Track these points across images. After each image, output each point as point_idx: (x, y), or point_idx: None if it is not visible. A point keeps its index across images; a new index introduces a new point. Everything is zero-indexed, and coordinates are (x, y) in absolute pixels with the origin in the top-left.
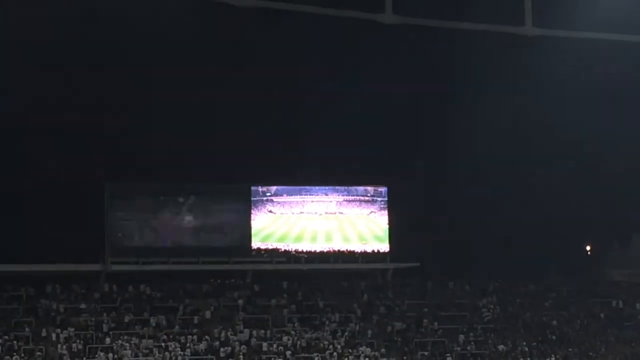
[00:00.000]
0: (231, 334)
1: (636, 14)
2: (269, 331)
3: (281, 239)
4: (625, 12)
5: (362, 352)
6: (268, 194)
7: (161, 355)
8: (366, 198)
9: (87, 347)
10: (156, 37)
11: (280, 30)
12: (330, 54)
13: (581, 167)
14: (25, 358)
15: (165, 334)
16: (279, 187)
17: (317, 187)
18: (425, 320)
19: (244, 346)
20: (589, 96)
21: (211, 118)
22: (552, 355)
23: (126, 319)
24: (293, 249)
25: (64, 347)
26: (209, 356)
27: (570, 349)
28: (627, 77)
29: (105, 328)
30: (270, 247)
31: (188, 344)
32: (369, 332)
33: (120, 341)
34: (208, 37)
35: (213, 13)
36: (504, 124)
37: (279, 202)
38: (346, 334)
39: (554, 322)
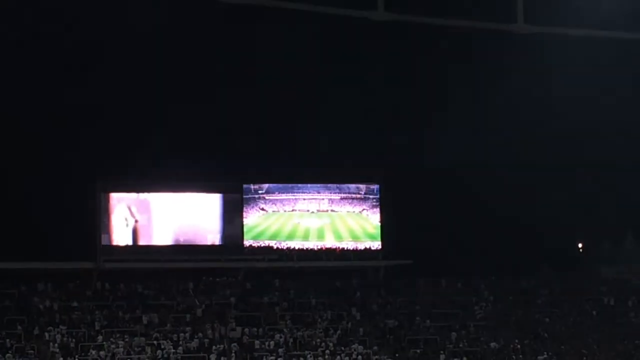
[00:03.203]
0: (223, 332)
1: (629, 11)
2: (261, 329)
3: (273, 237)
4: (618, 8)
5: (355, 350)
6: (260, 192)
7: (153, 353)
8: (358, 196)
9: (80, 345)
10: (152, 35)
11: (269, 27)
12: (323, 52)
13: (574, 165)
14: (17, 356)
15: (157, 331)
16: (271, 185)
17: (309, 185)
18: (417, 318)
19: (236, 344)
20: (582, 94)
21: (204, 116)
22: (544, 353)
23: (118, 317)
24: (285, 247)
25: (56, 345)
26: (201, 354)
27: (562, 347)
28: (621, 74)
29: (97, 326)
30: (262, 245)
31: (180, 342)
32: (361, 329)
33: (112, 339)
34: (203, 35)
35: (203, 10)
36: (497, 122)
37: (271, 200)
38: (338, 331)
39: (546, 320)
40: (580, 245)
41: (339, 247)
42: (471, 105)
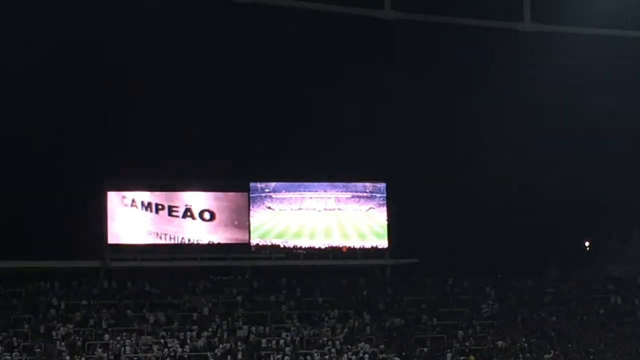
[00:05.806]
0: (230, 330)
1: (634, 10)
2: (268, 327)
3: (280, 235)
4: (624, 8)
5: (361, 348)
6: (267, 190)
7: (160, 352)
8: (365, 194)
9: (86, 343)
10: (156, 33)
11: (278, 26)
12: (328, 50)
13: (580, 163)
14: (25, 354)
15: (164, 330)
16: (278, 183)
17: (315, 183)
18: (424, 316)
19: (242, 342)
20: (587, 92)
21: (210, 114)
22: (551, 352)
23: (125, 316)
24: (292, 245)
25: (63, 343)
26: (208, 352)
27: (569, 345)
28: (626, 72)
29: (104, 324)
30: (269, 244)
31: (187, 340)
32: (368, 328)
33: (119, 337)
34: (205, 33)
35: (210, 9)
36: (502, 120)
37: (277, 198)
38: (345, 330)
39: (553, 318)
40: (587, 243)
41: (345, 246)
42: (477, 103)
